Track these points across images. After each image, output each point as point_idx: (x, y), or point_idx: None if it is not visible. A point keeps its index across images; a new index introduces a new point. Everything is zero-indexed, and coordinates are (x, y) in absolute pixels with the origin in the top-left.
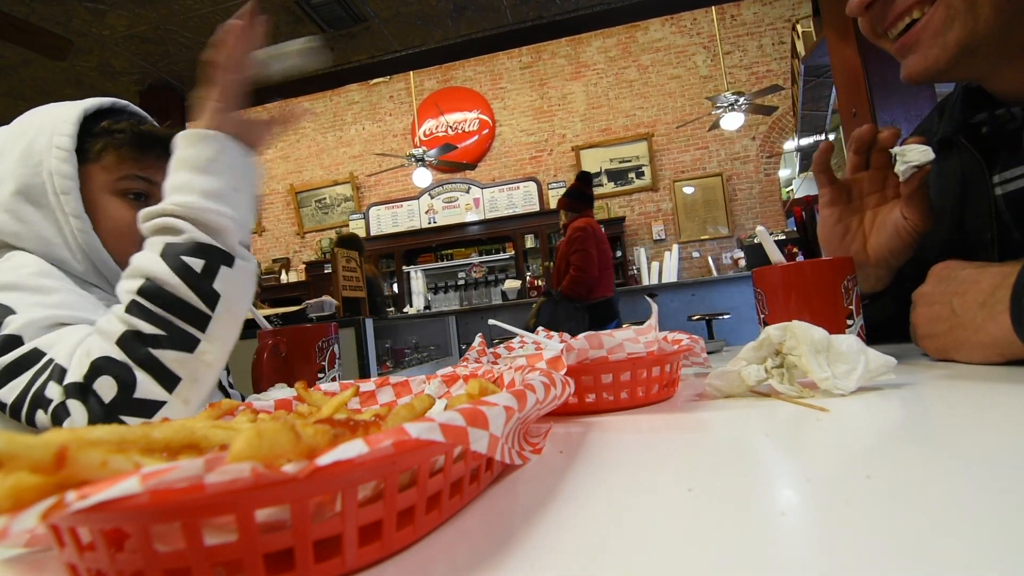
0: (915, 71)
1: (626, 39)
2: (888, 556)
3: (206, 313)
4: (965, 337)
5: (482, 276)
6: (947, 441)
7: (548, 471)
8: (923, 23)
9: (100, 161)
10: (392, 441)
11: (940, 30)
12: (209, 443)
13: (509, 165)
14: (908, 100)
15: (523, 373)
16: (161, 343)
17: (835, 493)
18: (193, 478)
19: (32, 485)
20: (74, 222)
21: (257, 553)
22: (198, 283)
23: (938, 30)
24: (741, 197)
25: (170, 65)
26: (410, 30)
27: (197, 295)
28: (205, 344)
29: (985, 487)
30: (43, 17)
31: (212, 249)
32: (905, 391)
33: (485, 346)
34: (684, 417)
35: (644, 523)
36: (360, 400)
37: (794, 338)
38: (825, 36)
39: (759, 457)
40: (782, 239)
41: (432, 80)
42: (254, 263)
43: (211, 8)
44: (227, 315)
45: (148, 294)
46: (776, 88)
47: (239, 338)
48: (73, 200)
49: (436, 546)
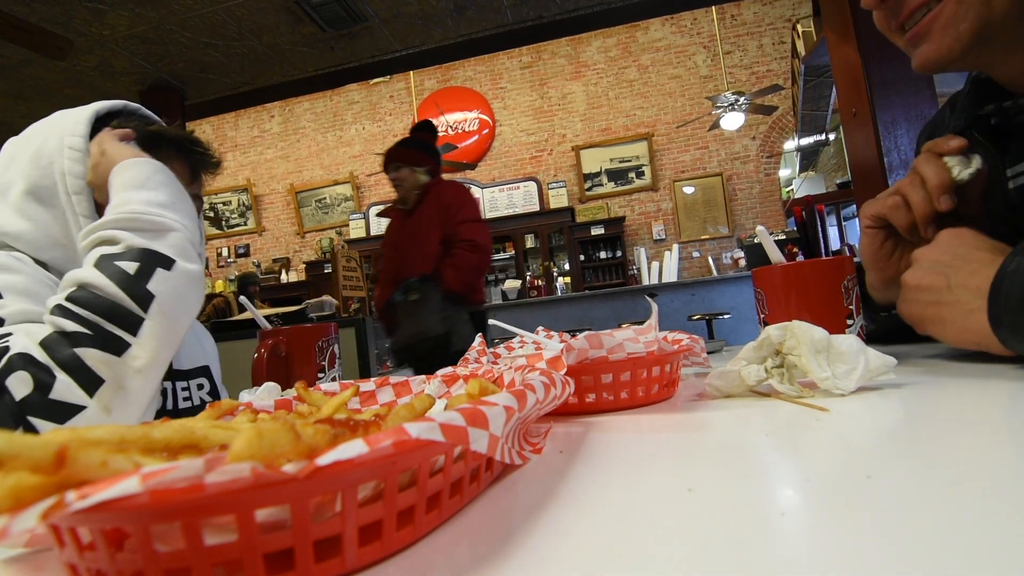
0: (928, 60)
1: (626, 39)
2: (888, 556)
3: (138, 315)
4: (950, 316)
5: None
6: (947, 441)
7: (548, 471)
8: (934, 13)
9: None
10: (392, 441)
11: (952, 20)
12: (209, 443)
13: (509, 165)
14: (909, 100)
15: (523, 373)
16: (84, 341)
17: (835, 493)
18: (193, 478)
19: (32, 485)
20: (84, 223)
21: (257, 553)
22: (130, 284)
23: (950, 20)
24: (741, 197)
25: (170, 65)
26: (410, 30)
27: (129, 295)
28: (136, 348)
29: (985, 487)
30: (43, 17)
31: (149, 252)
32: (905, 391)
33: (485, 346)
34: (684, 417)
35: (644, 523)
36: (360, 400)
37: (794, 338)
38: (825, 36)
39: (759, 457)
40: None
41: (432, 80)
42: (199, 267)
43: (211, 8)
44: (162, 318)
45: (77, 299)
46: (776, 88)
47: (239, 338)
48: (85, 200)
49: (436, 546)
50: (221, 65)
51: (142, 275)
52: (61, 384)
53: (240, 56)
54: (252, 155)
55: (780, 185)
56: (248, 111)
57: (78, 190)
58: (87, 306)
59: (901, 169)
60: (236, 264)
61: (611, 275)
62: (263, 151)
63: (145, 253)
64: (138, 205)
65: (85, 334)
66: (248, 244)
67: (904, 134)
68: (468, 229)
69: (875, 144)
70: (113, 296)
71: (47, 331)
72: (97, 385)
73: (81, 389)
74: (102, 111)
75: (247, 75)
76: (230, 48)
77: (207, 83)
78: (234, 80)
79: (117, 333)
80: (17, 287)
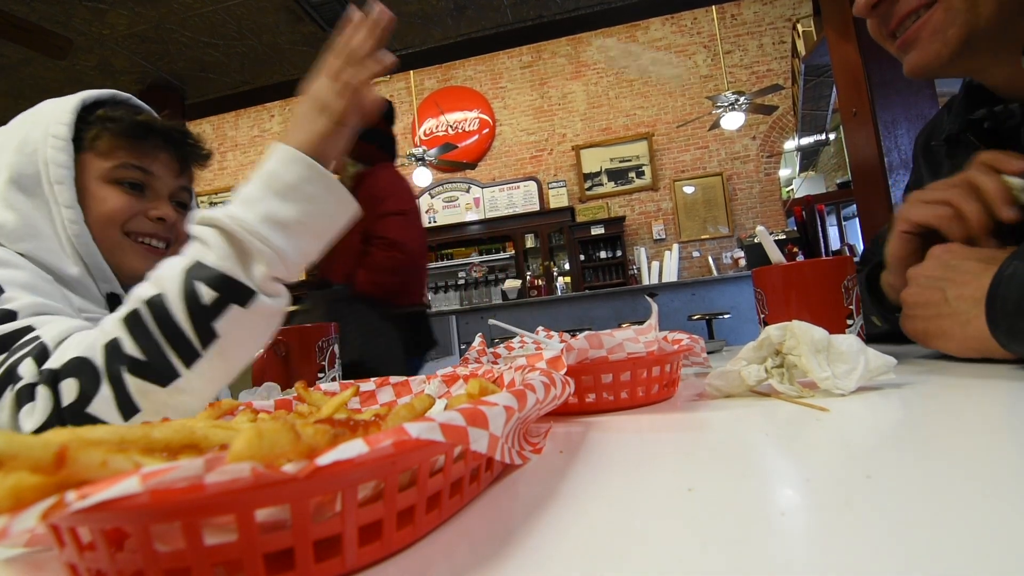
0: (917, 66)
1: (626, 38)
2: (888, 556)
3: (196, 350)
4: (951, 328)
5: (482, 276)
6: (947, 441)
7: (548, 471)
8: (923, 20)
9: (94, 149)
10: (392, 441)
11: (940, 27)
12: (209, 443)
13: (509, 164)
14: (909, 100)
15: (523, 373)
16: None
17: (835, 493)
18: (193, 478)
19: (32, 485)
20: (66, 212)
21: (257, 553)
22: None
23: (938, 27)
24: (741, 197)
25: (170, 64)
26: (410, 29)
27: (194, 328)
28: (184, 382)
29: (985, 487)
30: (43, 16)
31: (231, 283)
32: (905, 391)
33: (485, 346)
34: (684, 417)
35: (644, 523)
36: (360, 400)
37: (794, 338)
38: (826, 35)
39: (759, 457)
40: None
41: (432, 79)
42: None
43: (212, 7)
44: (219, 359)
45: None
46: (776, 87)
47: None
48: (67, 190)
49: (436, 546)
50: (221, 64)
51: (215, 309)
52: (100, 399)
53: (240, 55)
54: (252, 155)
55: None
56: (248, 110)
57: (60, 179)
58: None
59: (901, 168)
60: None
61: (611, 275)
62: (263, 150)
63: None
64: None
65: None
66: None
67: (904, 134)
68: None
69: (875, 144)
70: (180, 323)
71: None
72: (132, 413)
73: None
74: (89, 100)
75: (247, 74)
76: (230, 47)
77: (207, 82)
78: (234, 79)
79: (171, 361)
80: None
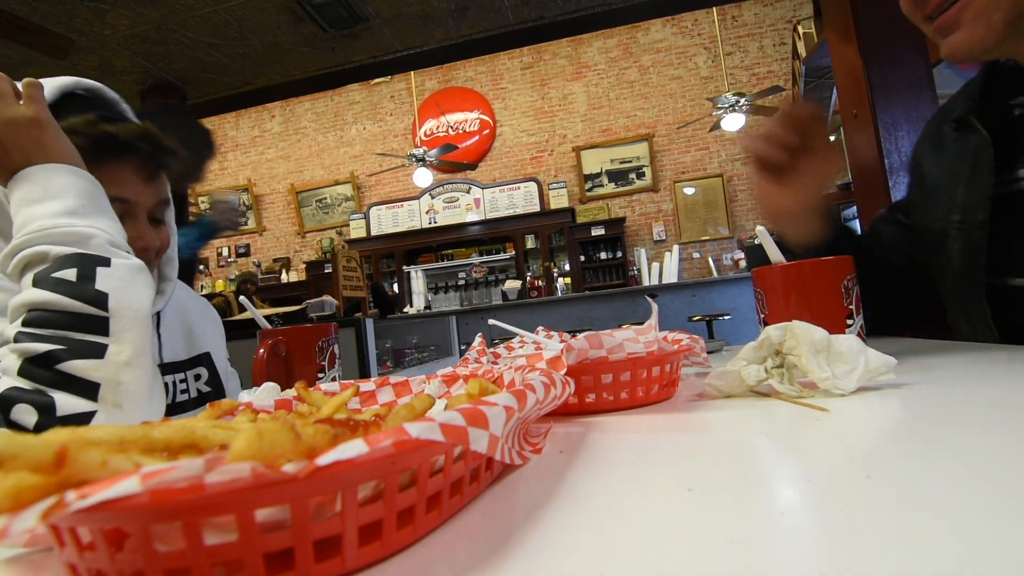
0: (959, 49)
1: (627, 40)
2: (888, 556)
3: (100, 315)
4: None
5: (482, 276)
6: (947, 441)
7: (548, 471)
8: (964, 3)
9: None
10: (392, 441)
11: (984, 10)
12: (209, 443)
13: (510, 165)
14: (910, 101)
15: (523, 373)
16: (64, 356)
17: (835, 493)
18: (193, 478)
19: (32, 485)
20: None
21: (257, 553)
22: (79, 291)
23: (982, 10)
24: (742, 198)
25: (171, 64)
26: (411, 30)
27: (82, 301)
28: (114, 346)
29: (985, 487)
30: (45, 16)
31: (81, 256)
32: (905, 391)
33: (485, 346)
34: (684, 417)
35: (644, 523)
36: (360, 400)
37: (794, 338)
38: (826, 37)
39: (759, 457)
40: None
41: (433, 80)
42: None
43: (213, 8)
44: (124, 310)
45: (34, 322)
46: (777, 89)
47: (239, 338)
48: None
49: (436, 546)
50: (222, 65)
51: (85, 278)
52: (61, 402)
53: (241, 56)
54: (253, 155)
55: None
56: (249, 111)
57: None
58: (47, 325)
59: (902, 170)
60: (236, 264)
61: (611, 276)
62: (264, 151)
63: (79, 258)
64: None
65: (60, 350)
66: (248, 244)
67: (905, 136)
68: None
69: (876, 145)
70: (67, 307)
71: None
72: (95, 389)
73: (82, 399)
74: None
75: (248, 75)
76: (231, 48)
77: (208, 83)
78: (235, 80)
79: (89, 339)
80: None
